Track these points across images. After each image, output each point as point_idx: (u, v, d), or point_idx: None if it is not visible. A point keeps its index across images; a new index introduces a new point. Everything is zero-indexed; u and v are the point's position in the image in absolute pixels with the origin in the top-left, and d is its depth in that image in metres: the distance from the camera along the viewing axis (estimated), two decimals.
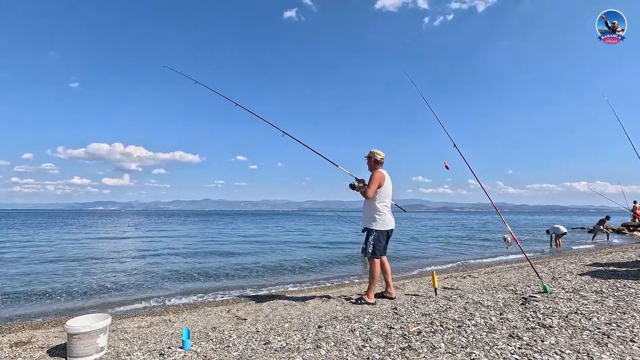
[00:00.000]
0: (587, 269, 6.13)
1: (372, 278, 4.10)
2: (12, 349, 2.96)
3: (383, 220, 4.07)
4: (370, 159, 4.26)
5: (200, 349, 2.68)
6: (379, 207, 4.07)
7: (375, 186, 4.05)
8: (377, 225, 4.05)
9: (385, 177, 4.13)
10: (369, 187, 4.05)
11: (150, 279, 7.25)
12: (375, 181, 4.05)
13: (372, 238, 4.03)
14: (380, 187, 4.07)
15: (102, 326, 2.69)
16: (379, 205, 4.07)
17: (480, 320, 3.10)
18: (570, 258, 8.35)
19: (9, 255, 10.97)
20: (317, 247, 13.88)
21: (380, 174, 4.10)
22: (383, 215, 4.07)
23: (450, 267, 8.64)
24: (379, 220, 4.05)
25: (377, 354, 2.38)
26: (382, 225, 4.06)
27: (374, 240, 4.03)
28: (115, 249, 12.94)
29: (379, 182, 4.06)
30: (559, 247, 12.70)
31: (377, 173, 4.10)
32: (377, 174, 4.08)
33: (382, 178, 4.09)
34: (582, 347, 2.37)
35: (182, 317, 4.04)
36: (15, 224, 33.91)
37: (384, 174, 4.15)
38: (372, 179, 4.07)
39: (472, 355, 2.29)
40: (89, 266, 8.94)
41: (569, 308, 3.42)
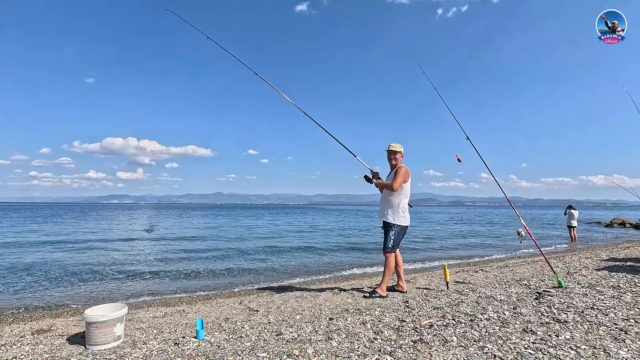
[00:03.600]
0: (604, 264, 6.00)
1: (387, 271, 4.09)
2: (34, 336, 3.06)
3: (405, 216, 4.06)
4: (398, 153, 4.17)
5: (213, 339, 2.73)
6: (402, 203, 4.05)
7: (402, 180, 4.01)
8: (400, 221, 4.02)
9: (409, 174, 4.12)
10: (396, 180, 3.99)
11: (164, 271, 7.40)
12: (404, 175, 4.02)
13: (393, 233, 4.00)
14: (405, 182, 4.05)
15: (119, 315, 2.76)
16: (403, 200, 4.05)
17: (493, 315, 3.07)
18: (585, 253, 8.19)
19: (32, 248, 11.32)
20: (328, 240, 13.92)
21: (407, 169, 4.09)
22: (405, 211, 4.06)
23: (461, 261, 8.57)
24: (402, 216, 4.03)
25: (389, 347, 2.38)
26: (404, 220, 4.05)
27: (394, 235, 4.01)
28: (130, 241, 13.22)
29: (406, 177, 4.04)
30: (574, 241, 12.45)
31: (405, 168, 4.08)
32: (405, 169, 4.07)
33: (408, 173, 4.08)
34: (599, 343, 2.33)
35: (196, 308, 4.12)
36: (38, 216, 34.91)
37: (409, 170, 4.14)
38: (400, 172, 4.03)
39: (484, 349, 2.27)
40: (104, 257, 9.16)
41: (584, 303, 3.36)
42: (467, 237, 15.16)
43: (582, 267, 5.68)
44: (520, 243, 6.21)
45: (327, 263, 8.52)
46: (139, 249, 11.07)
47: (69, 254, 9.84)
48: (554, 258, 7.29)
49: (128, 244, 12.44)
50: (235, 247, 11.67)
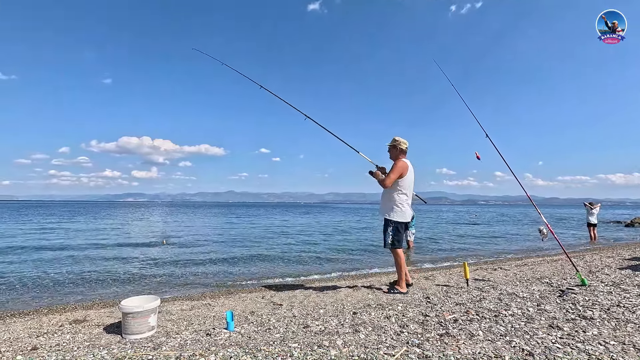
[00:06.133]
0: (627, 263, 5.90)
1: (398, 268, 4.11)
2: (72, 325, 3.22)
3: (402, 212, 4.01)
4: (395, 148, 4.13)
5: (243, 330, 2.83)
6: (399, 198, 4.01)
7: (396, 176, 3.96)
8: (396, 217, 4.00)
9: (408, 168, 4.03)
10: (389, 176, 3.97)
11: (185, 267, 7.58)
12: (397, 170, 3.96)
13: (391, 229, 4.01)
14: (402, 177, 3.98)
15: (153, 306, 2.89)
16: (399, 196, 4.01)
17: (517, 311, 3.09)
18: (607, 252, 8.04)
19: (55, 242, 11.72)
20: (344, 237, 13.97)
21: (403, 164, 4.01)
22: (402, 206, 4.01)
23: (479, 259, 8.51)
24: (398, 212, 4.00)
25: (416, 339, 2.43)
26: (402, 216, 4.01)
27: (393, 232, 4.01)
28: (149, 239, 13.53)
29: (401, 172, 3.97)
30: (594, 240, 12.20)
31: (400, 162, 4.01)
32: (399, 163, 4.00)
33: (404, 168, 4.00)
34: (628, 339, 2.34)
35: (220, 302, 4.24)
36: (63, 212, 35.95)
37: (407, 164, 4.05)
38: (393, 168, 4.00)
39: (512, 343, 2.31)
40: (129, 253, 9.43)
41: (610, 301, 3.34)
42: (483, 236, 15.00)
43: (605, 266, 5.60)
44: (542, 241, 6.16)
45: (344, 260, 8.58)
46: (157, 246, 11.33)
47: (92, 249, 10.16)
48: (574, 257, 7.18)
49: (146, 241, 12.74)
50: (251, 244, 11.84)
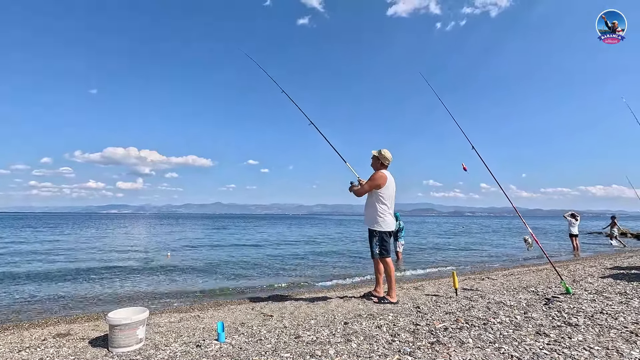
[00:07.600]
0: (609, 272, 6.07)
1: (388, 277, 4.14)
2: (56, 339, 3.12)
3: (385, 222, 4.07)
4: (377, 160, 4.21)
5: (234, 341, 2.80)
6: (380, 208, 4.07)
7: (371, 187, 4.04)
8: (380, 227, 4.07)
9: (387, 179, 4.09)
10: (363, 187, 4.07)
11: (172, 279, 7.44)
12: (374, 181, 4.04)
13: (376, 240, 4.08)
14: (379, 187, 4.04)
15: (141, 318, 2.83)
16: (381, 206, 4.07)
17: (505, 319, 3.14)
18: (589, 262, 8.25)
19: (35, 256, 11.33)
20: (332, 248, 13.93)
21: (381, 175, 4.07)
22: (384, 216, 4.08)
23: (466, 269, 8.60)
24: (381, 221, 4.06)
25: (408, 347, 2.45)
26: (385, 225, 4.08)
27: (379, 242, 4.08)
28: (134, 251, 13.22)
29: (378, 183, 4.04)
30: (577, 250, 12.49)
31: (378, 173, 4.09)
32: (377, 174, 4.08)
33: (383, 179, 4.06)
34: (611, 344, 2.41)
35: (209, 313, 4.17)
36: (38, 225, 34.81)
37: (386, 175, 4.11)
38: (371, 178, 4.09)
39: (501, 350, 2.35)
40: (112, 266, 9.18)
41: (593, 308, 3.43)
42: (470, 247, 15.19)
43: (587, 275, 5.75)
44: (527, 250, 6.29)
45: (334, 271, 8.55)
46: (143, 258, 11.08)
47: (70, 264, 9.87)
48: (559, 266, 7.34)
49: (133, 253, 12.45)
50: (240, 256, 11.69)
